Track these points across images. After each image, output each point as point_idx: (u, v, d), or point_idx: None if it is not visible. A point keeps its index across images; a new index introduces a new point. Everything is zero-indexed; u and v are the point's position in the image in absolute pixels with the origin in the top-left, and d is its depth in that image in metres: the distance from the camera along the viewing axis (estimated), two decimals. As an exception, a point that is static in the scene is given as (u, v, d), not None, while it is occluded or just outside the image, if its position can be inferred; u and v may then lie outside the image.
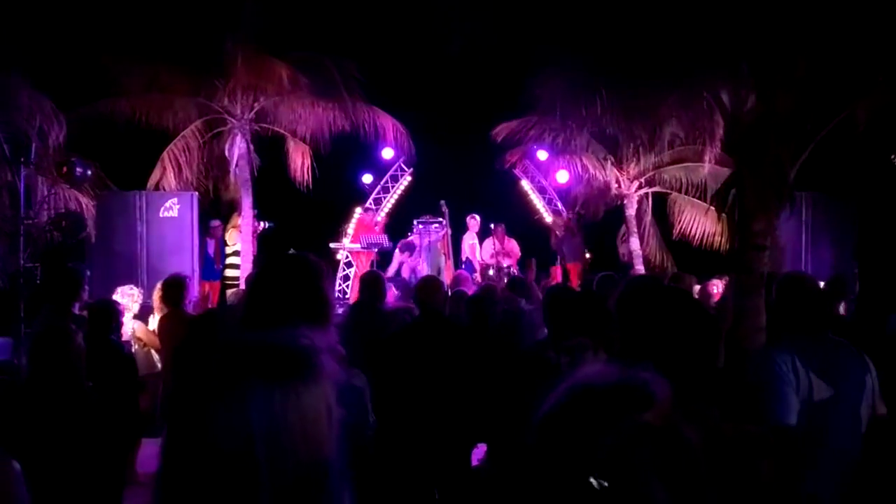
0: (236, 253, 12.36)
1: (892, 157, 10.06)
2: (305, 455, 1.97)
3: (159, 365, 6.97)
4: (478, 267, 13.61)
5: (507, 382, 4.42)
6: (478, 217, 14.16)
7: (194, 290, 10.49)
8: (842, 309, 7.02)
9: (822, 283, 4.66)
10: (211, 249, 12.73)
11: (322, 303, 2.34)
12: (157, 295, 6.98)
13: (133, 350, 6.60)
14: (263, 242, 12.86)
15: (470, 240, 14.20)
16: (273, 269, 2.47)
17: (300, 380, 2.01)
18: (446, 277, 12.66)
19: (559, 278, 13.27)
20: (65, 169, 9.17)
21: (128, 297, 7.26)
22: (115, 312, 5.55)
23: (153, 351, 7.05)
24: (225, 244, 12.67)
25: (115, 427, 3.58)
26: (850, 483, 3.15)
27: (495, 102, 13.10)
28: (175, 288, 6.63)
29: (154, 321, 7.24)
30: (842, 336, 3.49)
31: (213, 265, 12.72)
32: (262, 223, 12.81)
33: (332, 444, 2.07)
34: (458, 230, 14.34)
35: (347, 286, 16.01)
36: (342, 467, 2.09)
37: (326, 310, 2.35)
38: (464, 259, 14.13)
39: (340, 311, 9.08)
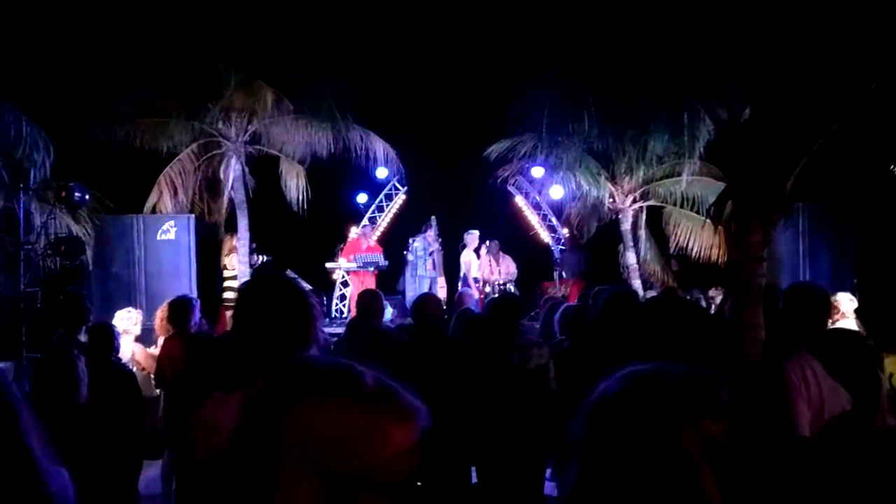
0: (234, 277, 12.30)
1: (892, 167, 9.98)
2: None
3: (157, 390, 6.91)
4: (473, 283, 13.55)
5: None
6: (475, 233, 14.12)
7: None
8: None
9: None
10: None
11: (304, 321, 2.36)
12: (161, 315, 6.90)
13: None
14: (260, 267, 12.82)
15: (467, 256, 14.16)
16: (253, 290, 2.55)
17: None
18: (440, 294, 12.65)
19: (575, 294, 13.10)
20: (64, 193, 9.20)
21: (127, 320, 7.16)
22: (114, 334, 5.55)
23: (152, 375, 6.99)
24: (225, 267, 12.60)
25: (120, 449, 3.56)
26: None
27: (488, 119, 13.11)
28: (181, 309, 6.55)
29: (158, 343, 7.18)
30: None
31: None
32: (259, 257, 12.80)
33: None
34: (453, 247, 14.33)
35: (344, 305, 15.96)
36: None
37: (309, 328, 2.37)
38: (461, 276, 14.10)
39: (340, 330, 9.08)
